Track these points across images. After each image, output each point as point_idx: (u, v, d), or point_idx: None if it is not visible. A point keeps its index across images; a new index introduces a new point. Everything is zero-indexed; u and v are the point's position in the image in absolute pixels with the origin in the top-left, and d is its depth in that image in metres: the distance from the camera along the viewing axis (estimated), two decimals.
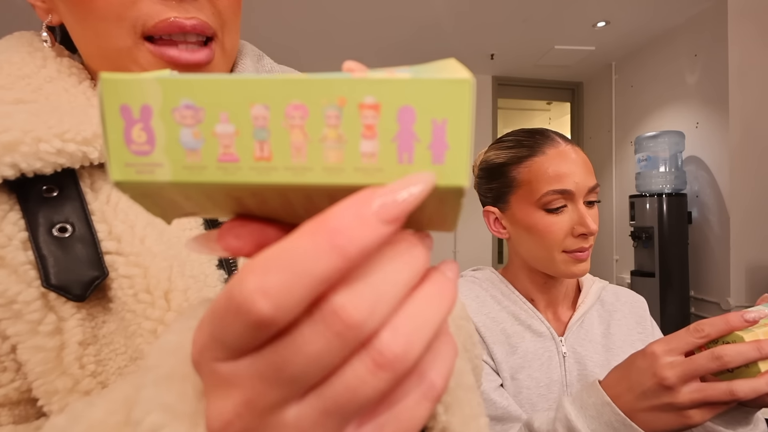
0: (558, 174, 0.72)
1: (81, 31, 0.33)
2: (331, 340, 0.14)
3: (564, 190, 0.72)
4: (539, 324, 0.77)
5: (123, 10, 0.30)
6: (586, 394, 0.58)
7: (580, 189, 0.72)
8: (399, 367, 0.14)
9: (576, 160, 0.73)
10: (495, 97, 4.33)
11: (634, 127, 3.69)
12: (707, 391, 0.48)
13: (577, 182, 0.72)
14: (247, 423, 0.15)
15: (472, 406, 0.29)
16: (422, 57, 3.87)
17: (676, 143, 2.96)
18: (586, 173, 0.73)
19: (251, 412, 0.15)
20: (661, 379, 0.50)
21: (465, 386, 0.29)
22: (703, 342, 0.50)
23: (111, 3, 0.30)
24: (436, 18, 3.13)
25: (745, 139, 2.80)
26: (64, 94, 0.32)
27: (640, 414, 0.52)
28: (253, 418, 0.15)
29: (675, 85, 3.23)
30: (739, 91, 2.79)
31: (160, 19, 0.30)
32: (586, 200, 0.73)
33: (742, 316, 0.49)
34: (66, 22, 0.34)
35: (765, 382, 0.46)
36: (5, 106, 0.28)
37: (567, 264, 0.74)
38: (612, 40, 3.47)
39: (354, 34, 3.40)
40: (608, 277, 3.82)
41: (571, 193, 0.72)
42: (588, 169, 0.74)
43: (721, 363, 0.47)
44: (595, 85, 4.29)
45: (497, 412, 0.67)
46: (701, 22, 3.00)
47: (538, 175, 0.73)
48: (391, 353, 0.14)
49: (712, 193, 2.91)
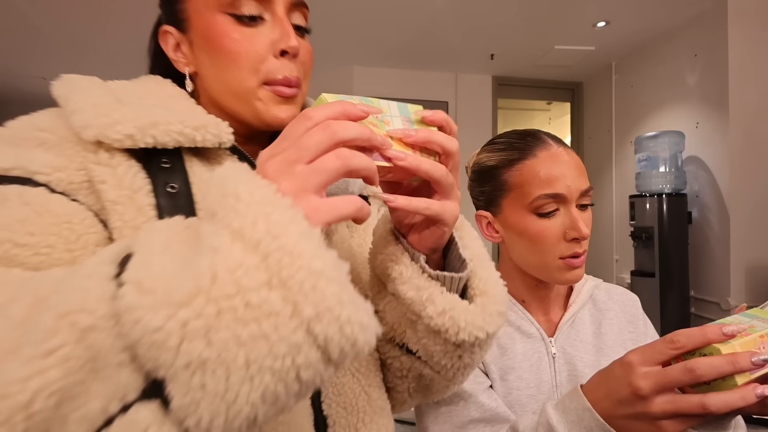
0: (549, 177, 0.70)
1: (218, 75, 0.49)
2: (316, 135, 0.33)
3: (556, 194, 0.70)
4: (529, 325, 0.77)
5: (256, 65, 0.48)
6: (569, 398, 0.58)
7: (572, 192, 0.71)
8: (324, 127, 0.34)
9: (568, 163, 0.72)
10: (495, 97, 4.33)
11: (634, 127, 3.69)
12: (679, 403, 0.48)
13: (569, 185, 0.70)
14: (280, 167, 0.33)
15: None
16: (422, 57, 3.87)
17: (676, 143, 2.97)
18: (578, 176, 0.72)
19: (285, 163, 0.33)
20: (635, 389, 0.49)
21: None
22: (677, 353, 0.49)
23: (249, 60, 0.48)
24: (437, 18, 3.13)
25: (745, 139, 2.80)
26: (181, 104, 0.48)
27: (617, 421, 0.52)
28: (285, 165, 0.33)
29: (675, 85, 3.23)
30: (739, 91, 2.79)
31: (282, 75, 0.49)
32: (579, 203, 0.72)
33: (720, 329, 0.48)
34: (203, 70, 0.51)
35: (739, 396, 0.45)
36: (149, 106, 0.44)
37: (561, 271, 0.73)
38: (612, 40, 3.47)
39: (354, 33, 3.39)
40: (608, 277, 3.82)
41: (563, 196, 0.70)
42: (581, 171, 0.73)
43: (693, 376, 0.46)
44: (595, 85, 4.29)
45: (485, 414, 0.67)
46: (701, 22, 3.00)
47: (529, 179, 0.72)
48: (320, 116, 0.35)
49: (712, 193, 2.91)
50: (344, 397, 0.49)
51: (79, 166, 0.41)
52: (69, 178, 0.40)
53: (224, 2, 0.47)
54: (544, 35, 3.41)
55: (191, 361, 0.26)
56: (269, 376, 0.27)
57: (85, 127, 0.40)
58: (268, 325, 0.27)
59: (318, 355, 0.28)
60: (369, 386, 0.52)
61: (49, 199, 0.38)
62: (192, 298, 0.27)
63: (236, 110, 0.50)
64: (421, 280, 0.44)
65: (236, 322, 0.27)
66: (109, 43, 3.52)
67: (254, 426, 0.28)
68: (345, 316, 0.28)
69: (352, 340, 0.29)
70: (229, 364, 0.27)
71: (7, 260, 0.34)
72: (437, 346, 0.46)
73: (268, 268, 0.28)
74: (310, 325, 0.28)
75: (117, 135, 0.40)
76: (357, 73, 4.07)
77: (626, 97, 3.82)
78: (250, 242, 0.28)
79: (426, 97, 4.21)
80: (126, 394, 0.27)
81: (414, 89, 4.18)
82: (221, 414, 0.27)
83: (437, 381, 0.52)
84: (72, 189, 0.40)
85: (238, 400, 0.27)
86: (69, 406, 0.26)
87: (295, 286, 0.28)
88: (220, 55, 0.48)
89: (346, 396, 0.50)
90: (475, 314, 0.44)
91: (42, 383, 0.25)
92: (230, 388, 0.27)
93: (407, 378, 0.53)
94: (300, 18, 0.52)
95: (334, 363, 0.29)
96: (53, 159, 0.40)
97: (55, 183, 0.39)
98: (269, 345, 0.27)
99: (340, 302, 0.28)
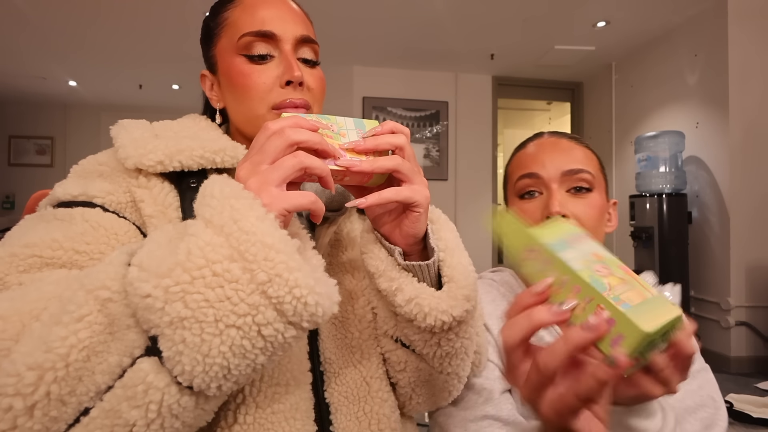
0: (529, 160, 0.71)
1: (237, 107, 0.58)
2: (274, 140, 0.41)
3: (530, 173, 0.70)
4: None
5: (264, 95, 0.56)
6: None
7: (550, 172, 0.69)
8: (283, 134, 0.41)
9: (555, 145, 0.71)
10: (495, 97, 4.33)
11: (634, 127, 3.69)
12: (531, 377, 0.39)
13: (546, 166, 0.69)
14: (248, 169, 0.41)
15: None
16: (423, 57, 3.87)
17: (676, 143, 2.97)
18: (562, 157, 0.70)
19: (252, 165, 0.41)
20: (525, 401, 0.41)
21: None
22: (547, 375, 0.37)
23: (258, 91, 0.56)
24: (437, 18, 3.14)
25: (745, 139, 2.80)
26: (208, 134, 0.58)
27: None
28: (252, 167, 0.41)
29: (675, 85, 3.23)
30: (739, 91, 2.80)
31: (287, 99, 0.56)
32: (569, 186, 0.70)
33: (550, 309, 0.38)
34: (228, 104, 0.60)
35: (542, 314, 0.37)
36: (181, 138, 0.54)
37: None
38: (612, 40, 3.48)
39: (354, 33, 3.40)
40: None
41: (538, 176, 0.69)
42: (563, 151, 0.70)
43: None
44: (595, 85, 4.29)
45: (501, 414, 0.66)
46: (701, 22, 3.00)
47: (514, 166, 0.74)
48: (276, 126, 0.42)
49: (712, 193, 2.91)
50: (346, 387, 0.54)
51: (125, 190, 0.52)
52: (118, 199, 0.51)
53: (240, 46, 0.57)
54: (544, 35, 3.41)
55: (173, 320, 0.34)
56: (234, 331, 0.35)
57: (127, 158, 0.51)
58: (230, 288, 0.35)
59: (274, 314, 0.36)
60: (370, 377, 0.56)
61: (103, 217, 0.49)
62: (171, 270, 0.35)
63: (253, 135, 0.57)
64: (394, 272, 0.50)
65: (206, 287, 0.35)
66: (110, 42, 3.52)
67: (230, 376, 0.36)
68: (293, 281, 0.36)
69: (303, 301, 0.36)
70: (202, 321, 0.34)
71: (70, 264, 0.45)
72: (415, 335, 0.51)
73: (230, 245, 0.36)
74: (264, 289, 0.35)
75: (150, 162, 0.51)
76: (357, 73, 4.07)
77: (626, 97, 3.82)
78: (217, 226, 0.37)
79: (426, 97, 4.21)
80: (134, 350, 0.36)
81: (414, 89, 4.18)
82: (199, 364, 0.35)
83: (434, 375, 0.55)
84: (120, 208, 0.51)
85: (211, 352, 0.35)
86: (95, 360, 0.35)
87: (250, 257, 0.36)
88: (237, 90, 0.57)
89: (347, 386, 0.55)
90: (440, 299, 0.48)
91: (75, 340, 0.34)
92: (204, 340, 0.34)
93: (406, 371, 0.56)
94: (309, 52, 0.60)
95: (294, 324, 0.37)
96: (107, 185, 0.51)
97: (108, 204, 0.50)
98: (232, 305, 0.35)
99: (288, 269, 0.36)
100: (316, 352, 0.54)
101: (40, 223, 0.48)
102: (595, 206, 0.70)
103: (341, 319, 0.57)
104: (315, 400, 0.52)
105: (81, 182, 0.52)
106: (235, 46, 0.57)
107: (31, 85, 4.65)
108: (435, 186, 4.19)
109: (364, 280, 0.59)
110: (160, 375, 0.35)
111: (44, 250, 0.44)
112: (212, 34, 0.61)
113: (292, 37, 0.57)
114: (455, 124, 4.26)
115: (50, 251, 0.44)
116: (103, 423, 0.35)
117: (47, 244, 0.44)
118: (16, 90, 4.84)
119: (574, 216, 0.68)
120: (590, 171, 0.70)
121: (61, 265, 0.44)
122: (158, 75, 4.27)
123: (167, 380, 0.35)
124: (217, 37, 0.60)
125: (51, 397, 0.34)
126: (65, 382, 0.34)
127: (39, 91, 4.86)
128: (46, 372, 0.33)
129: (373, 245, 0.51)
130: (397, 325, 0.53)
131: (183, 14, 2.96)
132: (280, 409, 0.48)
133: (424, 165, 4.18)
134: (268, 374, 0.48)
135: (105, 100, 5.23)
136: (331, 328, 0.56)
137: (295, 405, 0.49)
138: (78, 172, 0.54)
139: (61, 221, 0.48)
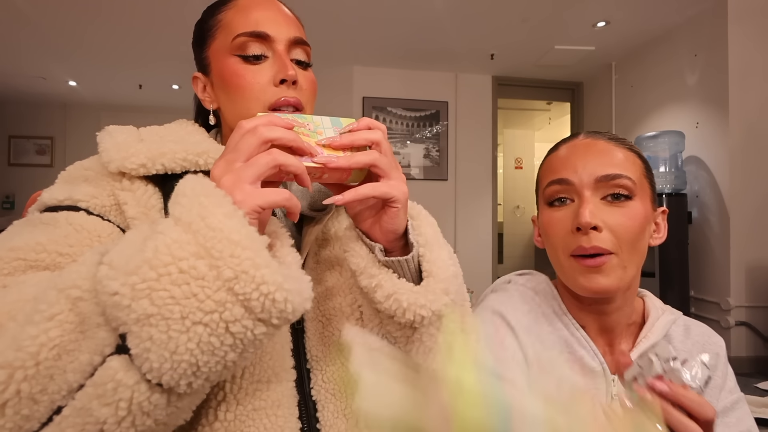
0: (560, 164, 0.65)
1: (232, 108, 0.58)
2: (247, 138, 0.41)
3: (560, 179, 0.64)
4: (592, 358, 0.65)
5: (259, 95, 0.56)
6: None
7: (583, 178, 0.63)
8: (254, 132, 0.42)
9: (589, 147, 0.65)
10: (495, 97, 4.32)
11: (634, 127, 3.69)
12: None
13: (579, 171, 0.63)
14: (222, 167, 0.41)
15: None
16: (423, 57, 3.87)
17: (676, 143, 2.96)
18: (597, 161, 0.63)
19: (226, 163, 0.41)
20: None
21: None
22: None
23: (253, 92, 0.56)
24: (437, 18, 3.13)
25: (745, 139, 2.80)
26: (193, 137, 0.58)
27: None
28: (226, 165, 0.41)
29: (675, 85, 3.23)
30: (739, 91, 2.79)
31: (278, 98, 0.56)
32: (604, 194, 0.63)
33: None
34: (222, 105, 0.60)
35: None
36: (165, 141, 0.54)
37: (574, 272, 0.63)
38: (612, 40, 3.48)
39: (354, 33, 3.39)
40: None
41: (569, 182, 0.64)
42: (605, 157, 0.63)
43: None
44: (595, 85, 4.29)
45: None
46: (701, 22, 3.00)
47: (544, 171, 0.69)
48: (250, 125, 0.42)
49: (712, 193, 2.91)
50: (332, 384, 0.55)
51: (109, 193, 0.52)
52: (102, 202, 0.52)
53: (234, 46, 0.57)
54: (544, 35, 3.41)
55: (140, 317, 0.34)
56: (202, 328, 0.35)
57: (110, 161, 0.52)
58: (196, 285, 0.35)
59: (242, 311, 0.36)
60: None
61: (86, 220, 0.50)
62: (139, 267, 0.35)
63: None
64: (374, 269, 0.50)
65: (172, 284, 0.35)
66: (110, 42, 3.52)
67: (199, 373, 0.36)
68: (260, 277, 0.36)
69: (271, 298, 0.36)
70: (168, 318, 0.34)
71: (54, 266, 0.45)
72: (398, 331, 0.51)
73: (197, 242, 0.36)
74: (230, 286, 0.36)
75: (132, 165, 0.51)
76: (357, 73, 4.06)
77: (626, 97, 3.82)
78: (185, 224, 0.37)
79: (426, 97, 4.20)
80: (104, 348, 0.36)
81: (414, 89, 4.18)
82: (167, 361, 0.35)
83: None
84: (104, 211, 0.51)
85: (179, 349, 0.35)
86: (67, 359, 0.35)
87: (216, 254, 0.36)
88: (231, 90, 0.58)
89: (334, 383, 0.55)
90: (419, 294, 0.49)
91: (45, 339, 0.34)
92: (171, 337, 0.34)
93: None
94: (301, 54, 0.60)
95: (264, 321, 0.37)
96: (92, 189, 0.52)
97: (92, 207, 0.51)
98: (198, 302, 0.35)
99: (254, 265, 0.36)
100: (303, 350, 0.55)
101: (26, 228, 0.48)
102: (636, 216, 0.62)
103: (327, 317, 0.57)
104: (301, 397, 0.53)
105: (67, 187, 0.52)
106: (229, 47, 0.58)
107: (30, 84, 4.65)
108: (435, 186, 4.18)
109: (351, 279, 0.59)
110: (129, 373, 0.35)
111: (28, 253, 0.45)
112: (206, 36, 0.61)
113: (285, 38, 0.58)
114: (455, 124, 4.26)
115: (34, 254, 0.45)
116: (74, 421, 0.35)
117: (31, 247, 0.45)
118: (15, 90, 4.83)
119: (608, 228, 0.61)
120: (630, 176, 0.63)
121: (45, 268, 0.45)
122: (158, 75, 4.27)
123: (136, 378, 0.35)
124: (211, 38, 0.60)
125: (22, 395, 0.34)
126: (36, 381, 0.34)
127: (39, 91, 4.86)
128: (16, 370, 0.34)
129: (354, 243, 0.52)
130: (381, 323, 0.53)
131: (183, 14, 2.96)
132: (261, 405, 0.48)
133: (423, 165, 4.18)
134: (248, 371, 0.48)
135: (105, 100, 5.22)
136: (318, 325, 0.57)
137: (277, 401, 0.49)
138: (65, 177, 0.55)
139: (45, 225, 0.48)
